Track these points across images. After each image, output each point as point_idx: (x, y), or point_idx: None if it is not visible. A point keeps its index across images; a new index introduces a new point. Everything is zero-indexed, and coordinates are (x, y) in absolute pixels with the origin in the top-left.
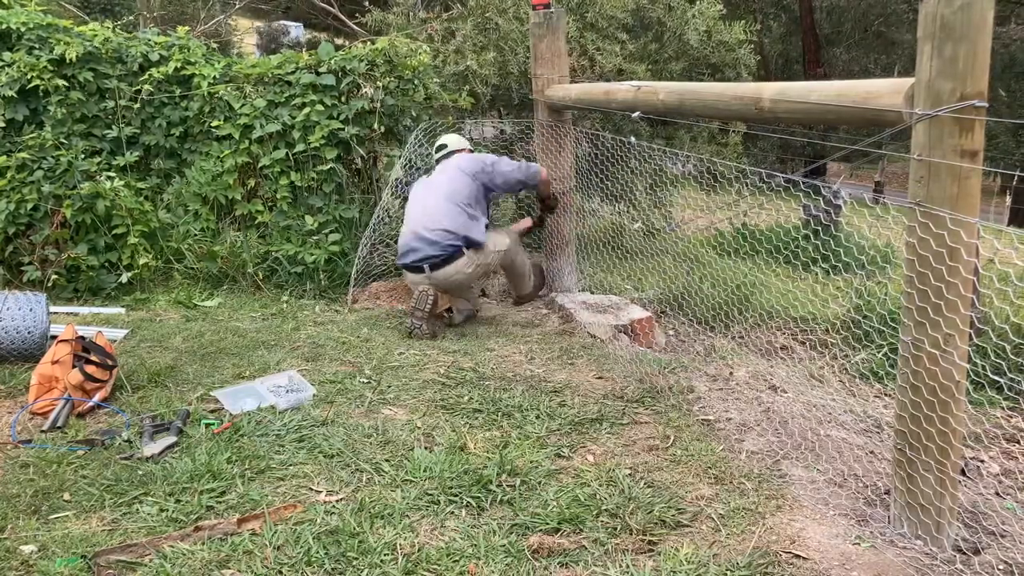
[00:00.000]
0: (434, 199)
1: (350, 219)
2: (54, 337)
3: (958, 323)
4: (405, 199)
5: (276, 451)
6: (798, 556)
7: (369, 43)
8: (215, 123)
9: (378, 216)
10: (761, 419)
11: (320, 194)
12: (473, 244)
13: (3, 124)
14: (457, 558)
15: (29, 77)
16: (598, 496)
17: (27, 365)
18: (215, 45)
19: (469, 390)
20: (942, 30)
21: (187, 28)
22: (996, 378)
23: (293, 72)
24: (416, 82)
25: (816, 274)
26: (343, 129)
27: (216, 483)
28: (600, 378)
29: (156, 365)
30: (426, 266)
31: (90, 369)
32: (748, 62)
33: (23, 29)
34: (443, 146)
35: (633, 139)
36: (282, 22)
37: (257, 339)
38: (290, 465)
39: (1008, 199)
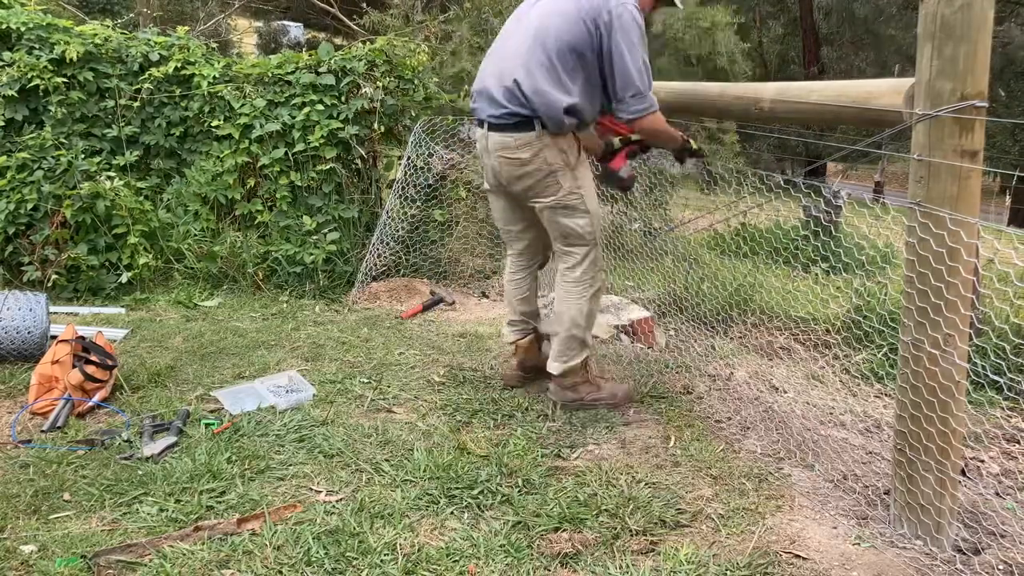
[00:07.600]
0: (517, 40)
1: (349, 219)
2: (54, 337)
3: (958, 323)
4: (406, 199)
5: (276, 451)
6: (798, 556)
7: (368, 43)
8: (215, 123)
9: (383, 220)
10: (761, 419)
11: (320, 194)
12: (552, 119)
13: (3, 124)
14: (457, 558)
15: (29, 77)
16: (598, 496)
17: (27, 365)
18: (214, 45)
19: (469, 390)
20: (942, 30)
21: (187, 28)
22: (996, 378)
23: (293, 72)
24: (416, 82)
25: (816, 274)
26: (343, 129)
27: (216, 483)
28: (600, 378)
29: (156, 365)
30: (487, 124)
31: (90, 369)
32: (729, 46)
33: (23, 29)
34: None
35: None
36: (282, 22)
37: (257, 339)
38: (290, 465)
39: (1008, 199)
